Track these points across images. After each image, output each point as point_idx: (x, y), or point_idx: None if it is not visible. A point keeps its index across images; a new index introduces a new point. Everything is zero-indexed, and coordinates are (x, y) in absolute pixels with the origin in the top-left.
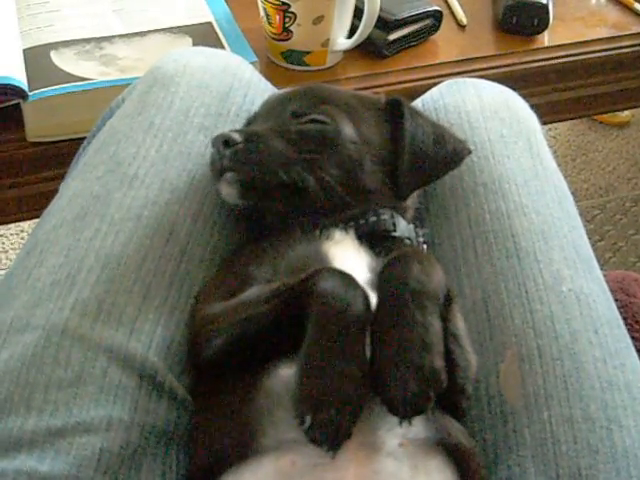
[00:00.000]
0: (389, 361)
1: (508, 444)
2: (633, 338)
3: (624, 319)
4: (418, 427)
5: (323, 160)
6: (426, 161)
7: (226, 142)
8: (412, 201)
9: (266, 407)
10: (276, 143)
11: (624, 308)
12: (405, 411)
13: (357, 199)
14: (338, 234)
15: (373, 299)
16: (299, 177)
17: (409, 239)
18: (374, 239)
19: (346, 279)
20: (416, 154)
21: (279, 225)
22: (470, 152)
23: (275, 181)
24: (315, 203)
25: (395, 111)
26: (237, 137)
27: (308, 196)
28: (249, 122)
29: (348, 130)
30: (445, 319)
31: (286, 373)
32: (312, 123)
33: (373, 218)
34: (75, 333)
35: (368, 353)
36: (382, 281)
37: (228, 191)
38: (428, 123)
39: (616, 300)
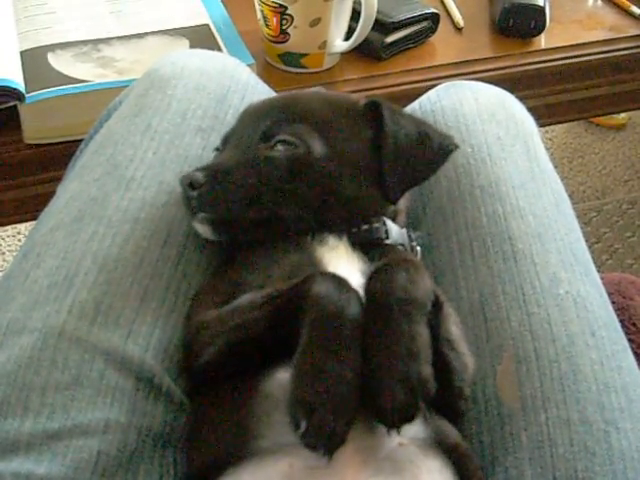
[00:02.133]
0: (376, 371)
1: (505, 446)
2: (630, 340)
3: (621, 322)
4: (417, 428)
5: (296, 187)
6: (411, 161)
7: (191, 184)
8: (404, 204)
9: (263, 410)
10: (242, 179)
11: (621, 311)
12: (393, 420)
13: (342, 212)
14: (332, 240)
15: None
16: (270, 212)
17: (402, 245)
18: (367, 245)
19: (340, 283)
20: (400, 155)
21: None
22: (457, 147)
23: (246, 218)
24: (291, 231)
25: (375, 113)
26: (201, 178)
27: (283, 226)
28: (226, 138)
29: (319, 148)
30: (436, 325)
31: (283, 376)
32: (281, 145)
33: (365, 227)
34: (72, 335)
35: None
36: (368, 290)
37: (202, 229)
38: (410, 122)
39: (613, 303)
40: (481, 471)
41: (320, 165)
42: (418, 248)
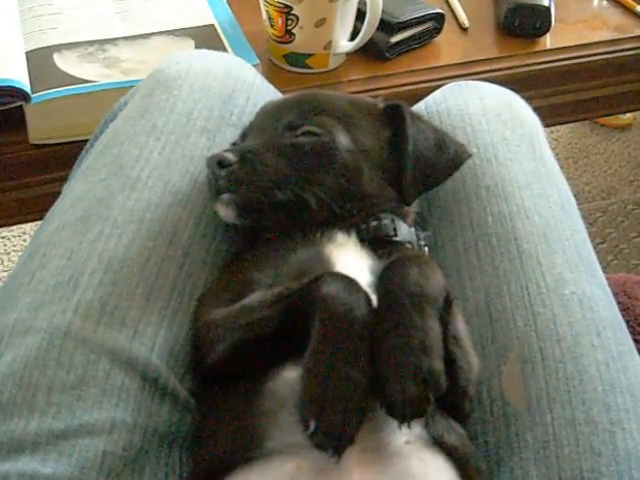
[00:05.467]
0: (388, 364)
1: (511, 447)
2: (635, 341)
3: (626, 322)
4: (421, 428)
5: (320, 174)
6: (429, 167)
7: (220, 163)
8: (413, 204)
9: (271, 410)
10: (271, 160)
11: (626, 311)
12: (404, 414)
13: (358, 206)
14: (340, 237)
15: (376, 302)
16: (296, 196)
17: (410, 243)
18: (376, 242)
19: (349, 283)
20: (419, 160)
21: (279, 234)
22: (470, 155)
23: (272, 201)
24: (313, 217)
25: (395, 116)
26: (231, 157)
27: (306, 212)
28: (244, 133)
29: (343, 139)
30: (445, 322)
31: (290, 376)
32: (306, 135)
33: (374, 223)
34: (78, 335)
35: None
36: (381, 285)
37: (225, 212)
38: (429, 128)
39: (618, 303)
40: (481, 474)
41: (343, 156)
42: (426, 248)
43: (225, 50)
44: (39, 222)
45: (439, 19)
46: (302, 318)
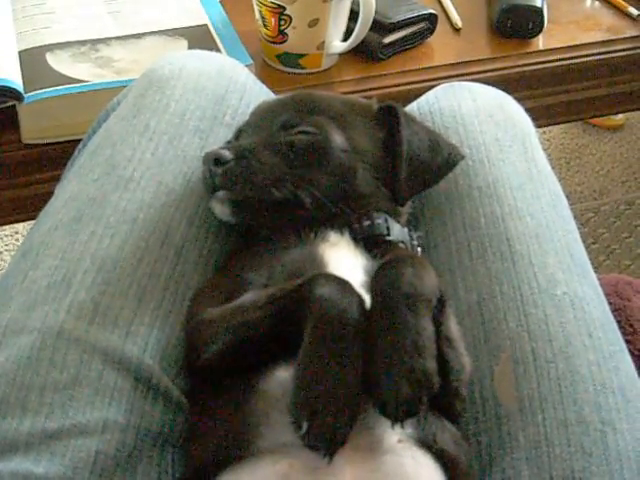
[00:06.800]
0: (382, 364)
1: (502, 447)
2: (627, 341)
3: (618, 322)
4: (413, 428)
5: (315, 173)
6: (423, 168)
7: (217, 160)
8: (406, 205)
9: (263, 410)
10: (267, 159)
11: (618, 311)
12: (397, 414)
13: (351, 206)
14: (333, 236)
15: (368, 302)
16: (291, 194)
17: (403, 243)
18: (369, 242)
19: (342, 285)
20: (413, 161)
21: (274, 233)
22: (463, 157)
23: (267, 199)
24: (308, 216)
25: (389, 117)
26: (228, 154)
27: (301, 210)
28: (239, 132)
29: (338, 139)
30: (438, 322)
31: (283, 376)
32: (302, 135)
33: (367, 222)
34: (71, 335)
35: None
36: (375, 285)
37: (220, 209)
38: (423, 129)
39: (610, 303)
40: (472, 474)
41: (338, 155)
42: (419, 248)
43: (218, 50)
44: (32, 222)
45: (432, 20)
46: (295, 319)
